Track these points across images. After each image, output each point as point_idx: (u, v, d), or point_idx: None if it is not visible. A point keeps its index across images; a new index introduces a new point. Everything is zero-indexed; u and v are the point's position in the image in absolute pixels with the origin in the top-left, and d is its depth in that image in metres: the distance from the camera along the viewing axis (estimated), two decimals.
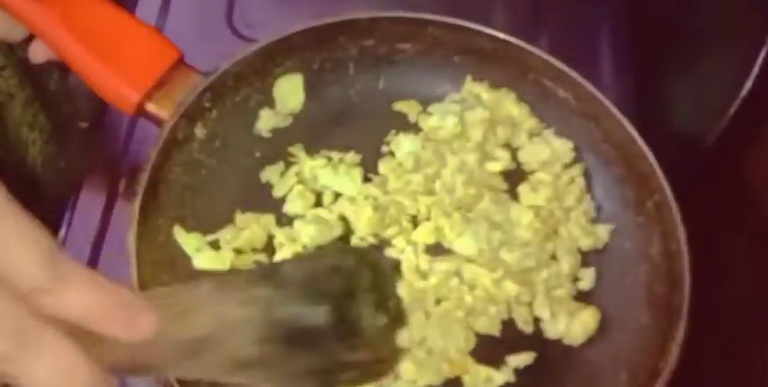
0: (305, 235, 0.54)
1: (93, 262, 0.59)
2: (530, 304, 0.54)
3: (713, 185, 0.58)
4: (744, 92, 0.51)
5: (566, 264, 0.54)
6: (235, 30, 0.71)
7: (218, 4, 0.72)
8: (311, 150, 0.58)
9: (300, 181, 0.57)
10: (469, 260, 0.54)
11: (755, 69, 0.50)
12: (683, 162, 0.55)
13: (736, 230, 0.57)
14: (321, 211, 0.56)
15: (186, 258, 0.54)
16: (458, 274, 0.54)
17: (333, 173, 0.56)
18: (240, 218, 0.55)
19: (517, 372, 0.53)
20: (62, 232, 0.61)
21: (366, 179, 0.57)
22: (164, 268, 0.52)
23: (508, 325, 0.54)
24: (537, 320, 0.54)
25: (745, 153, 0.55)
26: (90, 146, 0.66)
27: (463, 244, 0.54)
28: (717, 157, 0.56)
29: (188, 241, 0.54)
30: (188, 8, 0.72)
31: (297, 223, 0.55)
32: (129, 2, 0.71)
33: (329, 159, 0.57)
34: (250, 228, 0.54)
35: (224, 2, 0.72)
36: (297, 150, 0.57)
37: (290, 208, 0.56)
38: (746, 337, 0.54)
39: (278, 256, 0.54)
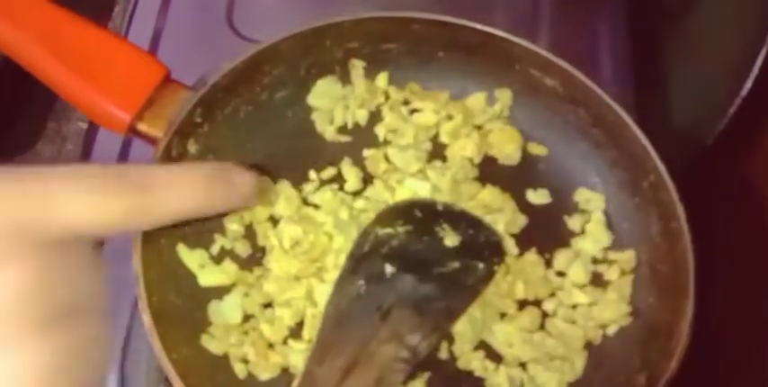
0: (286, 235, 0.54)
1: None
2: None
3: (713, 186, 0.58)
4: (744, 92, 0.52)
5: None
6: (235, 30, 0.70)
7: (218, 4, 0.72)
8: None
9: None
10: None
11: (755, 69, 0.51)
12: (682, 162, 0.55)
13: (736, 230, 0.57)
14: (307, 210, 0.55)
15: (191, 276, 0.53)
16: None
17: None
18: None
19: None
20: None
21: (364, 181, 0.57)
22: (169, 287, 0.51)
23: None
24: None
25: (745, 153, 0.56)
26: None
27: None
28: (717, 156, 0.57)
29: (191, 258, 0.53)
30: (188, 8, 0.71)
31: (281, 223, 0.54)
32: (130, 3, 0.71)
33: None
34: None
35: (224, 2, 0.72)
36: None
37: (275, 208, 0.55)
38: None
39: (269, 258, 0.54)
